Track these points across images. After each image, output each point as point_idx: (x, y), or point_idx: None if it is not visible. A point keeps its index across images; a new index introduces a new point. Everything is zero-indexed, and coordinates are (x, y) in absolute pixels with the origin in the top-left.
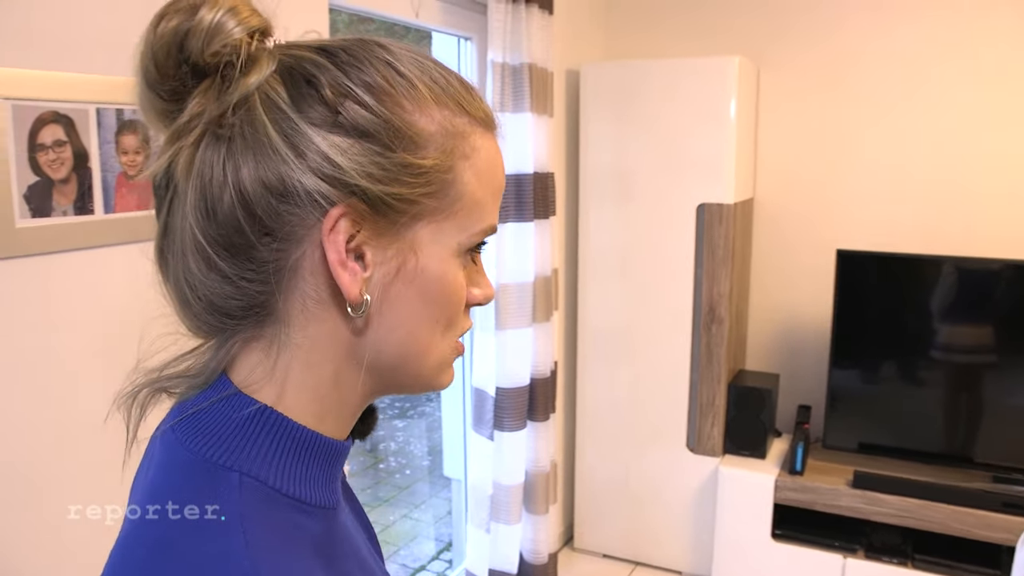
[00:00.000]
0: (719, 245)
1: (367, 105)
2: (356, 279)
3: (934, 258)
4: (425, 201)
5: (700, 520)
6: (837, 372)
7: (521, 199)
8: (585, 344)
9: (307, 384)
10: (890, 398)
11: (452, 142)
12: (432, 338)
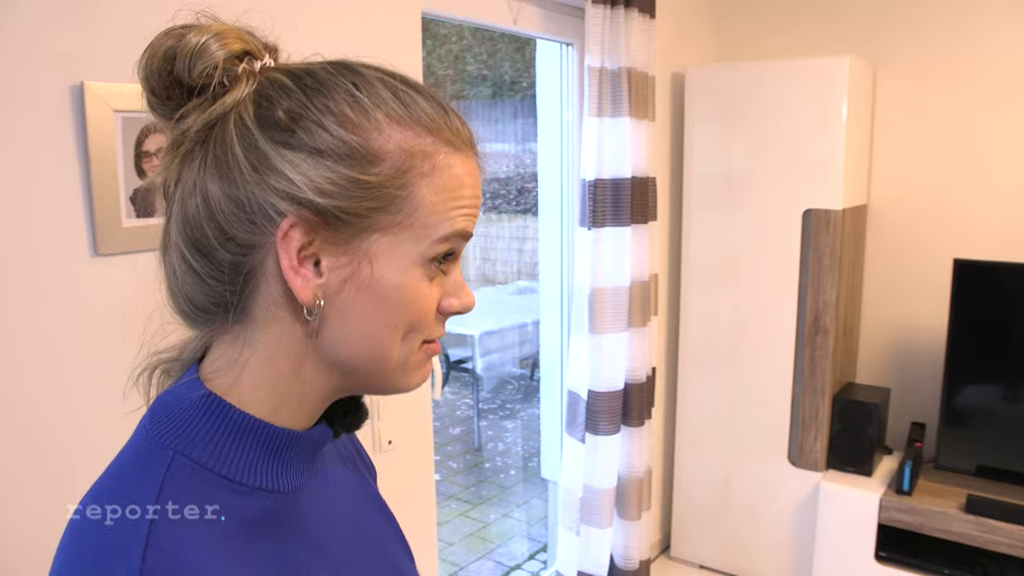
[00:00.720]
0: (825, 253)
1: (323, 125)
2: (308, 284)
3: None
4: (377, 215)
5: (800, 536)
6: (952, 388)
7: (619, 204)
8: (686, 351)
9: (263, 377)
10: (1011, 418)
11: (409, 161)
12: (390, 343)
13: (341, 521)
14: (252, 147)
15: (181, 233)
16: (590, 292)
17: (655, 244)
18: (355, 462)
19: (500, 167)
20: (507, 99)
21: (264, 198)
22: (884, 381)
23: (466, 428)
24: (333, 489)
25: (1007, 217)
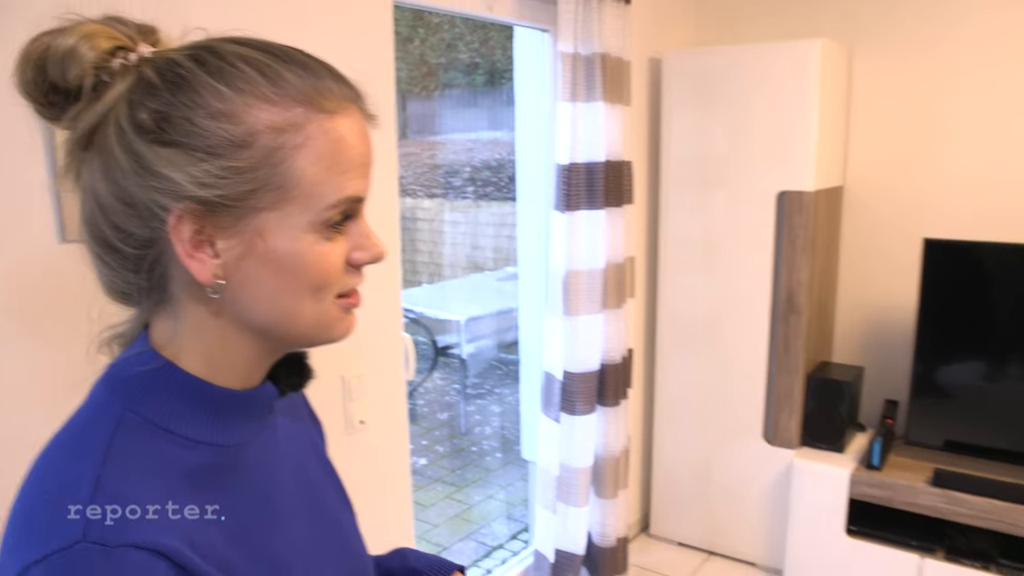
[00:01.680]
0: (799, 234)
1: (192, 121)
2: (206, 266)
3: None
4: (258, 195)
5: (774, 512)
6: (921, 366)
7: (592, 188)
8: (664, 331)
9: (196, 345)
10: (979, 394)
11: (280, 137)
12: (299, 305)
13: (286, 474)
14: (129, 149)
15: (86, 231)
16: (564, 275)
17: (631, 227)
18: (303, 418)
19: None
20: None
21: (148, 196)
22: (859, 360)
23: (454, 413)
24: (281, 443)
25: (977, 196)
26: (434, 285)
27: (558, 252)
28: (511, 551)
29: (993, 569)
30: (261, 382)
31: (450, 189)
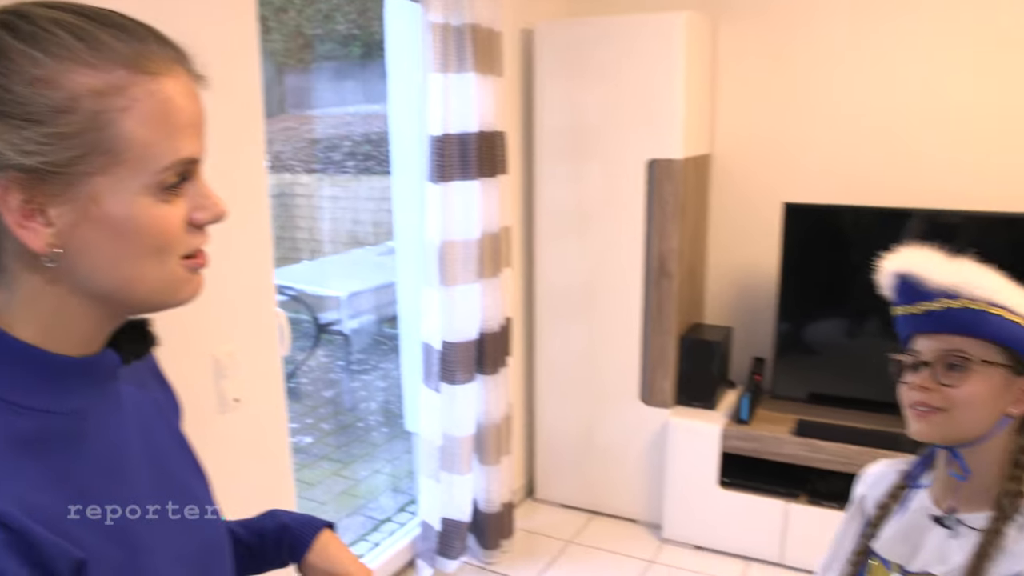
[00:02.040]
0: (668, 201)
1: (8, 90)
2: (39, 235)
3: (880, 210)
4: (86, 160)
5: (652, 470)
6: (784, 324)
7: (465, 158)
8: (542, 299)
9: (31, 315)
10: (839, 349)
11: (103, 101)
12: (140, 269)
13: (132, 441)
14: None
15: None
16: (440, 246)
17: (506, 197)
18: (151, 386)
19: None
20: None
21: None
22: (728, 320)
23: (338, 390)
24: (126, 411)
25: (836, 162)
26: (315, 262)
27: (433, 223)
28: (399, 523)
29: None
30: (101, 349)
31: (330, 164)
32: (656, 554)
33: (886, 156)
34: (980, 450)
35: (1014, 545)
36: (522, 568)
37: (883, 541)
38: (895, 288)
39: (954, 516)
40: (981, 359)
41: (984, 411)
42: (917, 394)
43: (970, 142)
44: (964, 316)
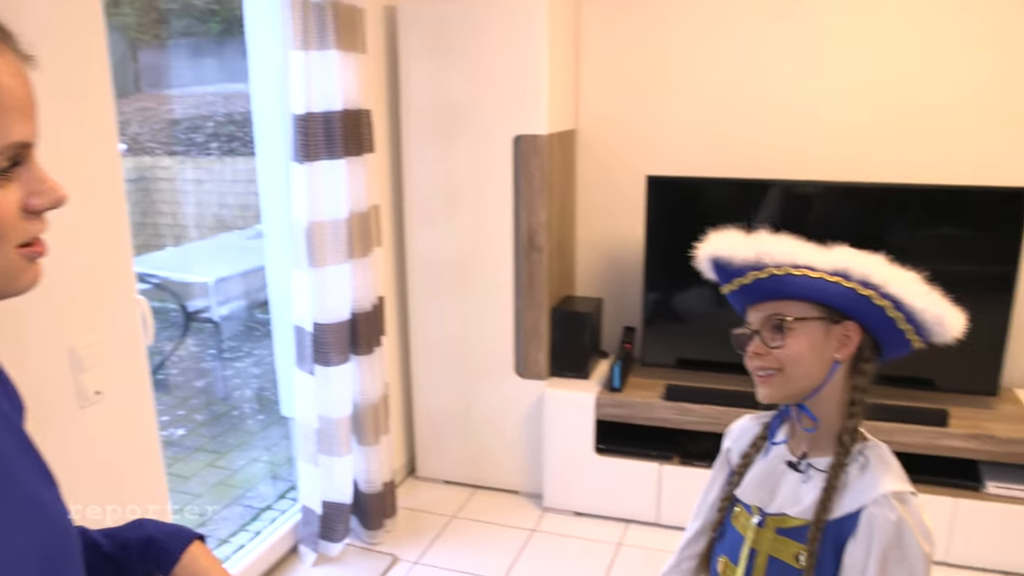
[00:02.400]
0: (535, 176)
1: None
2: None
3: (738, 181)
4: None
5: (530, 441)
6: (651, 294)
7: (331, 137)
8: (414, 277)
9: None
10: (703, 316)
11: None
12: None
13: None
14: None
15: None
16: (308, 226)
17: (373, 176)
18: None
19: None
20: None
21: None
22: (598, 292)
23: (211, 379)
24: None
25: (698, 136)
26: (180, 248)
27: (300, 204)
28: (280, 511)
29: None
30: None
31: (192, 145)
32: (538, 523)
33: (745, 129)
34: (821, 399)
35: (855, 482)
36: (407, 546)
37: (744, 488)
38: (713, 271)
39: (805, 461)
40: (796, 317)
41: (813, 363)
42: (755, 361)
43: (823, 115)
44: (772, 283)
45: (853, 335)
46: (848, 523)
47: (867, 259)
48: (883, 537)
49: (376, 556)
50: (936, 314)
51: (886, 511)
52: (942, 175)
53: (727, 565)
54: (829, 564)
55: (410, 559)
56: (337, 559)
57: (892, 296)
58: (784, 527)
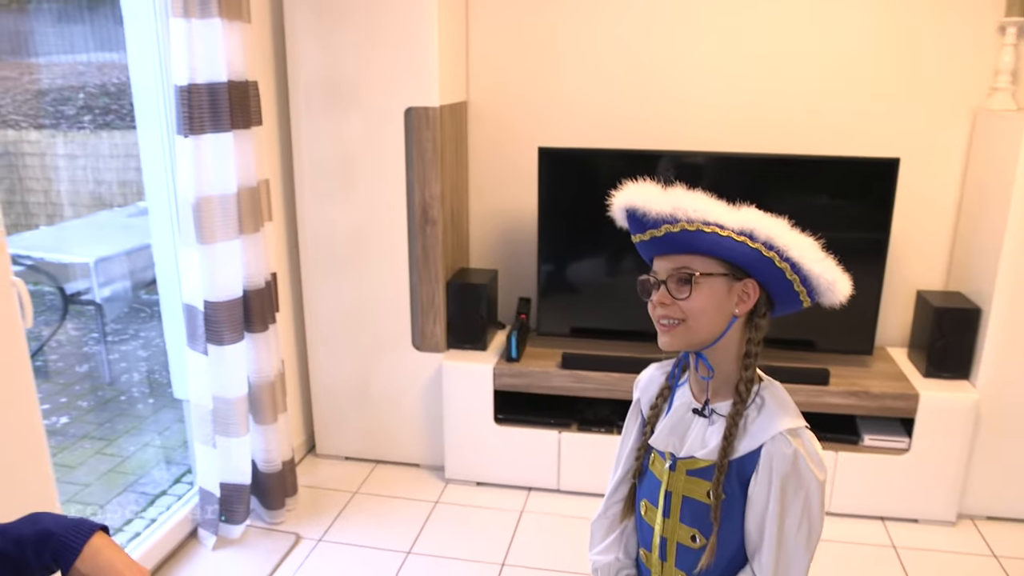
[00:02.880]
0: (428, 148)
1: None
2: None
3: (627, 152)
4: None
5: (431, 414)
6: (545, 264)
7: (217, 109)
8: (308, 253)
9: None
10: (597, 285)
11: None
12: None
13: None
14: None
15: None
16: (195, 202)
17: (262, 149)
18: None
19: (110, 78)
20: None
21: None
22: (493, 263)
23: (95, 364)
24: None
25: (588, 108)
26: (55, 227)
27: (186, 179)
28: (176, 495)
29: (615, 431)
30: None
31: (62, 119)
32: (440, 494)
33: (633, 101)
34: (719, 349)
35: (753, 423)
36: (309, 524)
37: (657, 436)
38: (627, 221)
39: (709, 407)
40: (703, 272)
41: (714, 316)
42: (659, 310)
43: (707, 88)
44: (684, 237)
45: (752, 292)
46: (750, 460)
47: (771, 222)
48: (781, 469)
49: (278, 536)
50: (829, 279)
51: (782, 447)
52: (820, 146)
53: (648, 507)
54: (736, 498)
55: (313, 537)
56: (238, 541)
57: (792, 260)
58: (693, 468)
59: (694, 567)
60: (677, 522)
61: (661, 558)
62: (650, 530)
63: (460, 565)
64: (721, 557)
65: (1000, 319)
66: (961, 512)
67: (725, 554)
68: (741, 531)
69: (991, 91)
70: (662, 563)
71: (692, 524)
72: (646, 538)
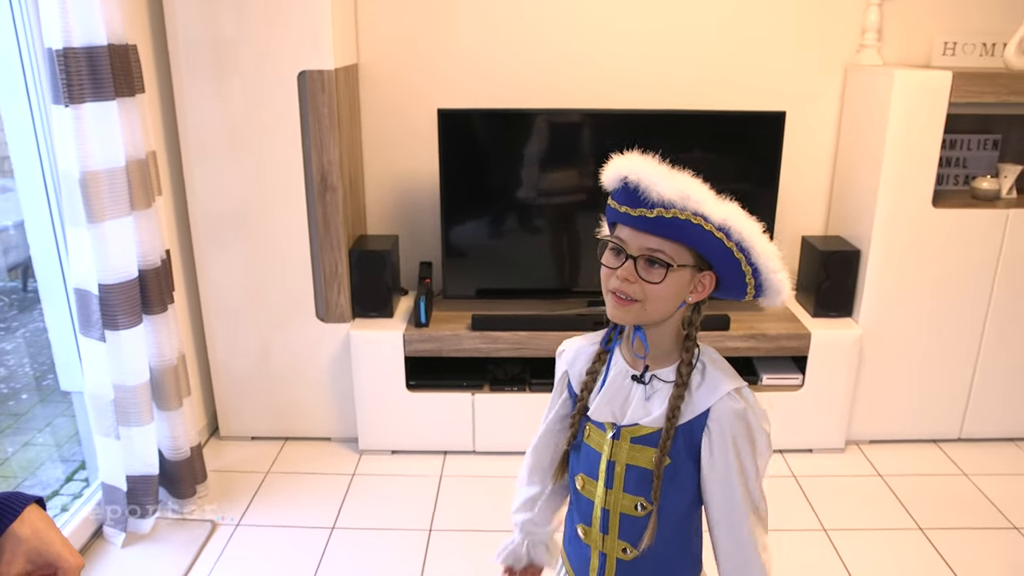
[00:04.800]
0: (324, 113)
1: None
2: None
3: (529, 111)
4: None
5: (341, 385)
6: (449, 227)
7: (98, 75)
8: (199, 228)
9: None
10: (501, 246)
11: None
12: None
13: None
14: None
15: None
16: (81, 177)
17: (147, 118)
18: None
19: None
20: None
21: None
22: (392, 229)
23: None
24: None
25: (484, 68)
26: None
27: (68, 152)
28: (70, 495)
29: (528, 389)
30: None
31: None
32: (356, 466)
33: (530, 60)
34: (660, 328)
35: (697, 388)
36: (225, 509)
37: (596, 408)
38: (620, 189)
39: (649, 373)
40: (679, 263)
41: (672, 302)
42: (618, 283)
43: (599, 46)
44: (674, 225)
45: (708, 284)
46: (698, 423)
47: (747, 222)
48: (732, 428)
49: (192, 525)
50: (779, 287)
51: (731, 405)
52: (709, 102)
53: (587, 481)
54: (683, 463)
55: (230, 522)
56: (150, 535)
57: (756, 265)
58: (638, 436)
59: (638, 536)
60: (620, 492)
61: (602, 531)
62: (589, 504)
63: (389, 535)
64: (665, 526)
65: (877, 259)
66: (849, 439)
67: (668, 522)
68: (685, 498)
69: (860, 47)
70: (603, 536)
71: (637, 492)
72: (585, 513)
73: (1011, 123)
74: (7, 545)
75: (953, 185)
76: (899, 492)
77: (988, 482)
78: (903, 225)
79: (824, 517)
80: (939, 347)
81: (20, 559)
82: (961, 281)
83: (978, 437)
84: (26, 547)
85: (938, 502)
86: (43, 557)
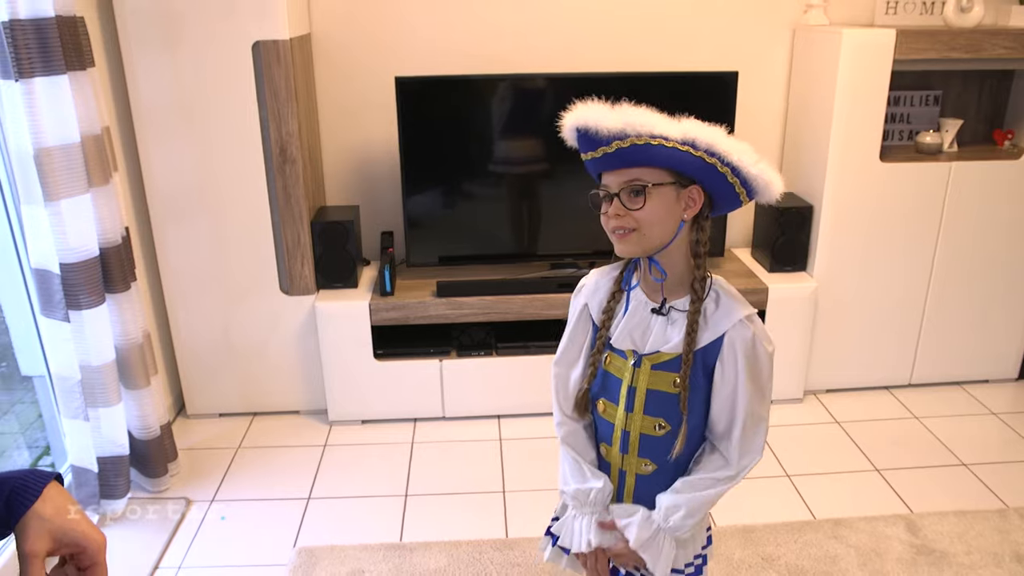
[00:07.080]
0: (281, 85)
1: None
2: None
3: (487, 77)
4: None
5: (307, 358)
6: (410, 196)
7: (47, 48)
8: (156, 204)
9: None
10: (463, 212)
11: None
12: None
13: None
14: None
15: None
16: (36, 154)
17: (99, 93)
18: None
19: None
20: None
21: None
22: (353, 199)
23: None
24: None
25: (440, 34)
26: None
27: (20, 129)
28: None
29: (494, 353)
30: None
31: None
32: (327, 438)
33: (482, 26)
34: (670, 252)
35: (712, 315)
36: (198, 487)
37: (617, 337)
38: (577, 140)
39: (668, 305)
40: (654, 183)
41: (666, 222)
42: (613, 221)
43: (553, 11)
44: (633, 152)
45: (698, 197)
46: (713, 348)
47: (710, 130)
48: (743, 351)
49: (167, 503)
50: (766, 180)
51: (743, 331)
52: (662, 64)
53: (607, 405)
54: (700, 386)
55: (205, 499)
56: (124, 516)
57: (732, 164)
58: (658, 362)
59: (657, 452)
60: (641, 415)
61: (622, 451)
62: (610, 426)
63: (365, 502)
64: (687, 442)
65: (829, 214)
66: (807, 389)
67: (690, 439)
68: (702, 417)
69: (807, 8)
70: (623, 455)
71: (657, 414)
72: (605, 434)
73: (951, 79)
74: (31, 524)
75: (898, 140)
76: (856, 437)
77: (937, 424)
78: (853, 180)
79: (787, 464)
80: (889, 298)
81: (45, 538)
82: (908, 233)
83: (927, 382)
84: (50, 526)
85: (892, 444)
86: (68, 536)
